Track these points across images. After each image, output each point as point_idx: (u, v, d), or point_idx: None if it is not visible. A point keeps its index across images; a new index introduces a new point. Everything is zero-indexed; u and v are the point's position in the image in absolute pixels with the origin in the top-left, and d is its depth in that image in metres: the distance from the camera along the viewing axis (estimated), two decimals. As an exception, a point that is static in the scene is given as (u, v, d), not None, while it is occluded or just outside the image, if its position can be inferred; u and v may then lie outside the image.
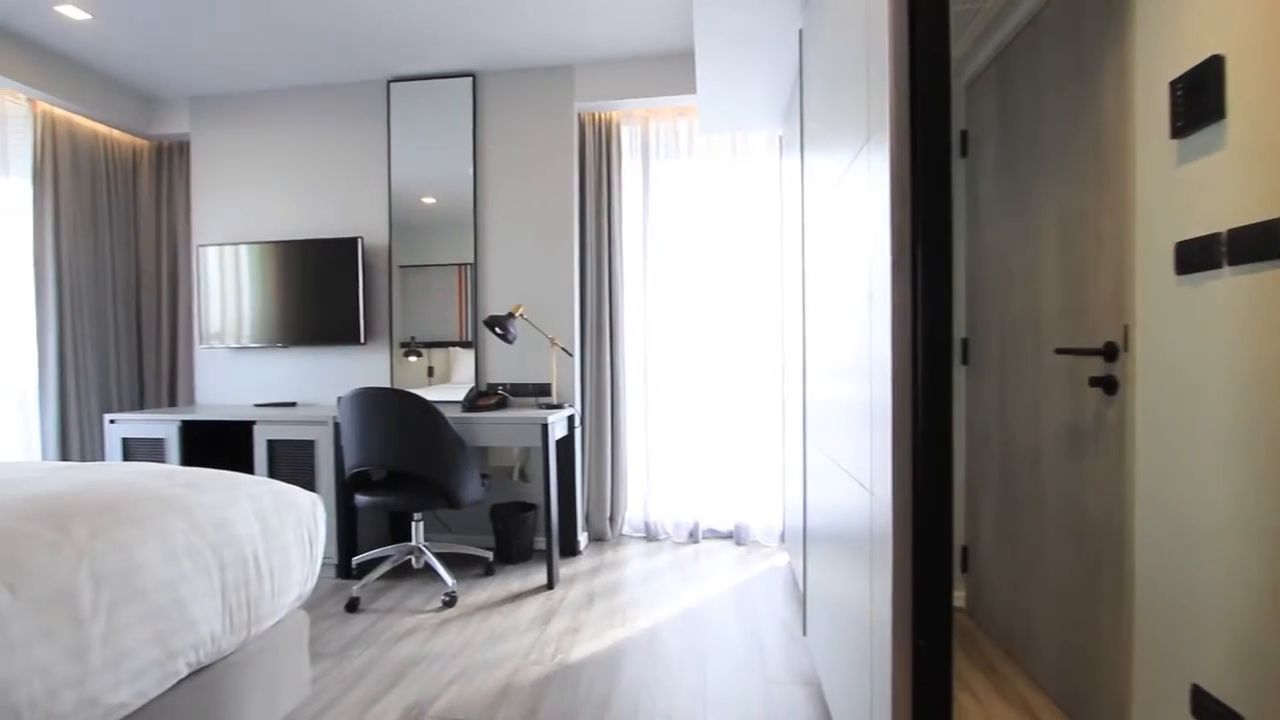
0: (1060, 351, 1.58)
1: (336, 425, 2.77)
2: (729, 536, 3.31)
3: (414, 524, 2.73)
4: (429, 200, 3.28)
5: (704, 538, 3.31)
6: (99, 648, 1.06)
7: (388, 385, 3.28)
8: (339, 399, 2.58)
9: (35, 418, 3.10)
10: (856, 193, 1.30)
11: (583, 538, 3.19)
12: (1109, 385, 1.45)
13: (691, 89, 3.05)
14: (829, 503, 1.66)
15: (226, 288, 3.38)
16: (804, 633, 2.16)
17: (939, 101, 1.00)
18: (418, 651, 2.12)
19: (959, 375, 2.33)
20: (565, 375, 3.17)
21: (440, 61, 3.13)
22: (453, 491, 2.48)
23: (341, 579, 2.81)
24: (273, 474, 2.86)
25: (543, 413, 2.75)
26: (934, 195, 1.01)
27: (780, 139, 3.09)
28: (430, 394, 3.11)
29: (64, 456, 3.16)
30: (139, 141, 3.66)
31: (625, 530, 3.38)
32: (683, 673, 1.97)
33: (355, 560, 2.78)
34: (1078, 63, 1.58)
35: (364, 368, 3.35)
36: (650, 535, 3.32)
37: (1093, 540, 1.53)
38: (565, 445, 3.06)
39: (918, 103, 1.02)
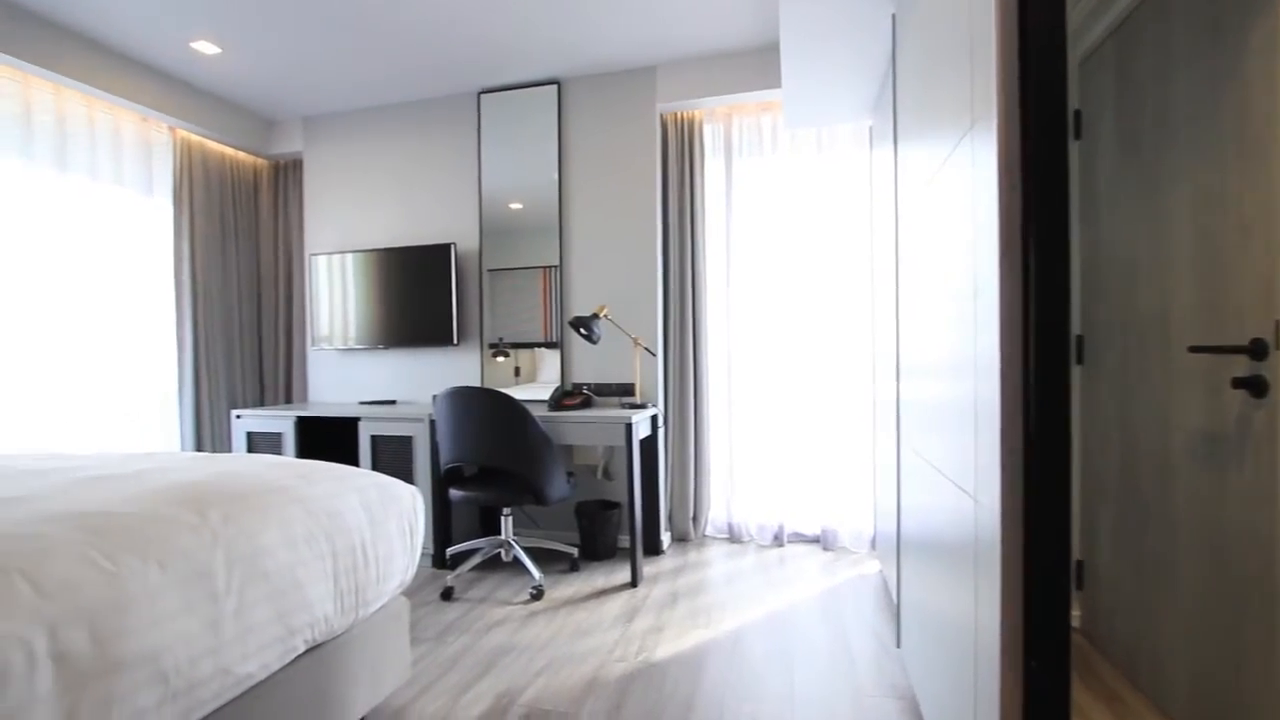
0: (1195, 350, 1.43)
1: (432, 422, 2.92)
2: (815, 541, 3.21)
3: (503, 518, 2.83)
4: (516, 206, 3.39)
5: (789, 541, 3.23)
6: (231, 622, 1.17)
7: (479, 385, 3.42)
8: (434, 397, 2.71)
9: (175, 413, 3.46)
10: (958, 181, 1.23)
11: (666, 537, 3.19)
12: (1257, 387, 1.29)
13: (776, 83, 2.99)
14: (926, 508, 1.58)
15: (334, 293, 3.63)
16: (897, 644, 2.07)
17: (1054, 78, 0.93)
18: (507, 641, 2.19)
19: (1074, 375, 2.15)
20: (648, 375, 3.19)
21: (526, 71, 3.23)
22: (540, 488, 2.55)
23: (437, 569, 2.95)
24: (375, 467, 3.05)
25: (626, 412, 2.78)
26: (1048, 180, 0.94)
27: (870, 130, 2.97)
28: (517, 393, 3.22)
29: (198, 448, 3.51)
30: (259, 161, 4.01)
31: (708, 531, 3.35)
32: (769, 677, 1.93)
33: (449, 551, 2.91)
34: (1215, 32, 1.42)
35: (456, 368, 3.50)
36: (734, 537, 3.28)
37: (1236, 559, 1.37)
38: (649, 445, 3.07)
39: (1028, 81, 0.95)
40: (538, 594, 2.57)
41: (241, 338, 3.85)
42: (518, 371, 3.40)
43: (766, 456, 3.24)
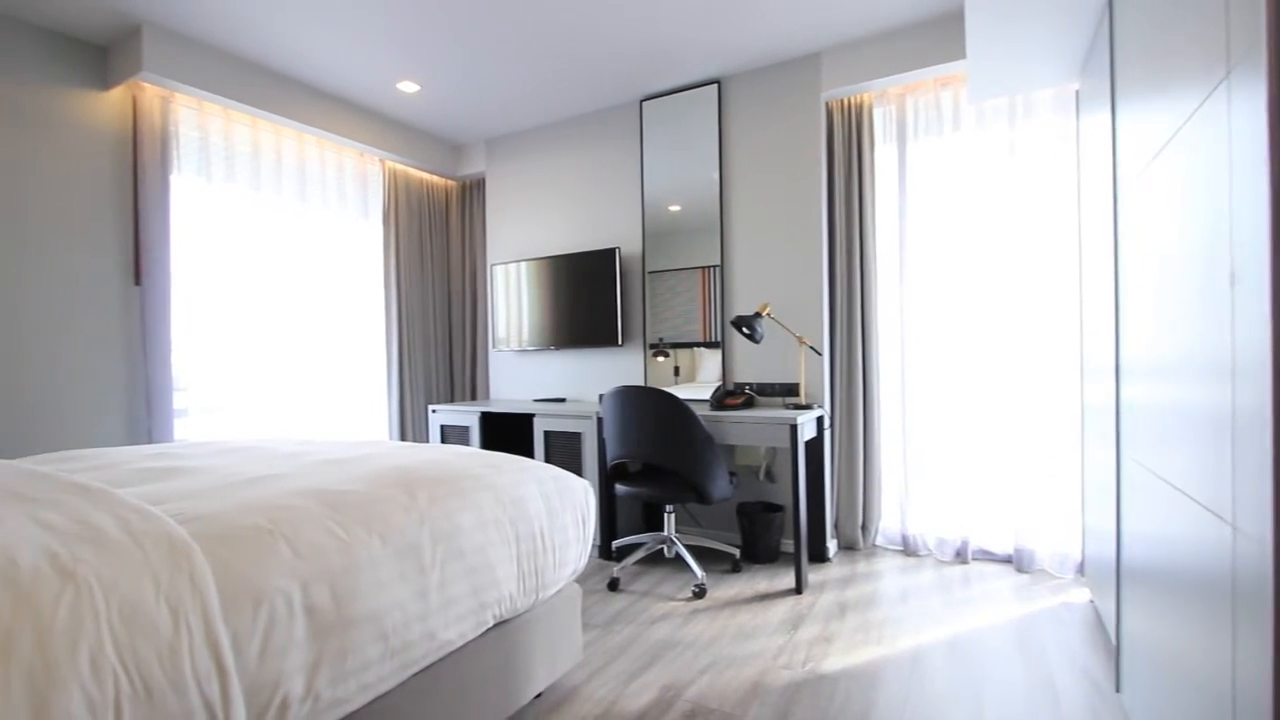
0: None
1: (599, 420, 3.06)
2: (1007, 560, 2.88)
3: (666, 515, 2.88)
4: (675, 208, 3.44)
5: (974, 559, 2.93)
6: (435, 593, 1.31)
7: (641, 384, 3.52)
8: (600, 396, 2.84)
9: (383, 406, 3.98)
10: (1206, 142, 1.03)
11: (832, 545, 3.05)
12: None
13: (957, 54, 2.73)
14: (1159, 533, 1.34)
15: (511, 299, 3.95)
16: (1116, 688, 1.78)
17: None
18: (671, 636, 2.23)
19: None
20: (814, 375, 3.07)
21: (686, 74, 3.26)
22: (702, 487, 2.56)
23: (603, 559, 3.09)
24: (548, 460, 3.27)
25: (791, 413, 2.70)
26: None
27: (1077, 94, 2.60)
28: (676, 392, 3.26)
29: (402, 437, 4.01)
30: (449, 182, 4.48)
31: (879, 541, 3.15)
32: (954, 707, 1.76)
33: (614, 544, 3.03)
34: None
35: (621, 368, 3.64)
36: (908, 549, 3.05)
37: None
38: (814, 447, 2.96)
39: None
40: (700, 592, 2.58)
41: (434, 341, 4.33)
42: (677, 371, 3.45)
43: (947, 464, 2.97)
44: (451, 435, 3.67)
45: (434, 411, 3.74)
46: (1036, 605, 2.43)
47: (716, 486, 2.60)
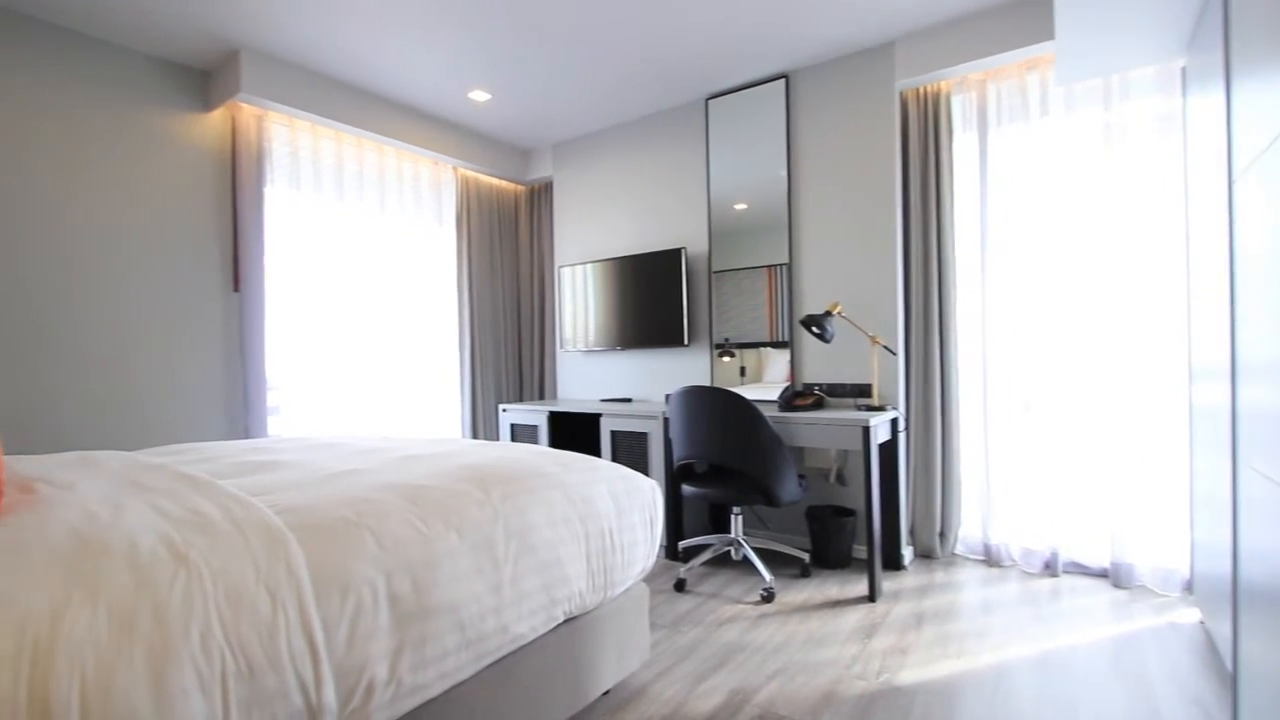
0: None
1: (665, 420, 3.06)
2: (1102, 575, 2.69)
3: (733, 517, 2.85)
4: (740, 206, 3.40)
5: (1064, 571, 2.75)
6: (508, 587, 1.34)
7: (707, 384, 3.50)
8: (667, 396, 2.84)
9: (456, 405, 4.12)
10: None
11: (907, 552, 2.93)
12: None
13: (1044, 34, 2.57)
14: (1285, 551, 1.21)
15: (577, 300, 4.01)
16: None
17: None
18: (739, 639, 2.20)
19: None
20: (888, 375, 2.97)
21: (754, 70, 3.22)
22: (770, 489, 2.52)
23: (669, 560, 3.09)
24: (615, 459, 3.30)
25: (863, 414, 2.61)
26: None
27: (1183, 71, 2.40)
28: (743, 393, 3.22)
29: (473, 435, 4.14)
30: (518, 187, 4.59)
31: (958, 550, 3.00)
32: (1044, 729, 1.66)
33: (681, 545, 3.02)
34: None
35: (687, 368, 3.63)
36: (990, 559, 2.89)
37: None
38: (888, 450, 2.86)
39: None
40: (768, 596, 2.54)
41: (504, 342, 4.45)
42: (743, 371, 3.41)
43: (1034, 470, 2.80)
44: (521, 434, 3.76)
45: (504, 410, 3.84)
46: (1137, 624, 2.26)
47: (785, 489, 2.55)
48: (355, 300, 3.57)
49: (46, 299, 2.63)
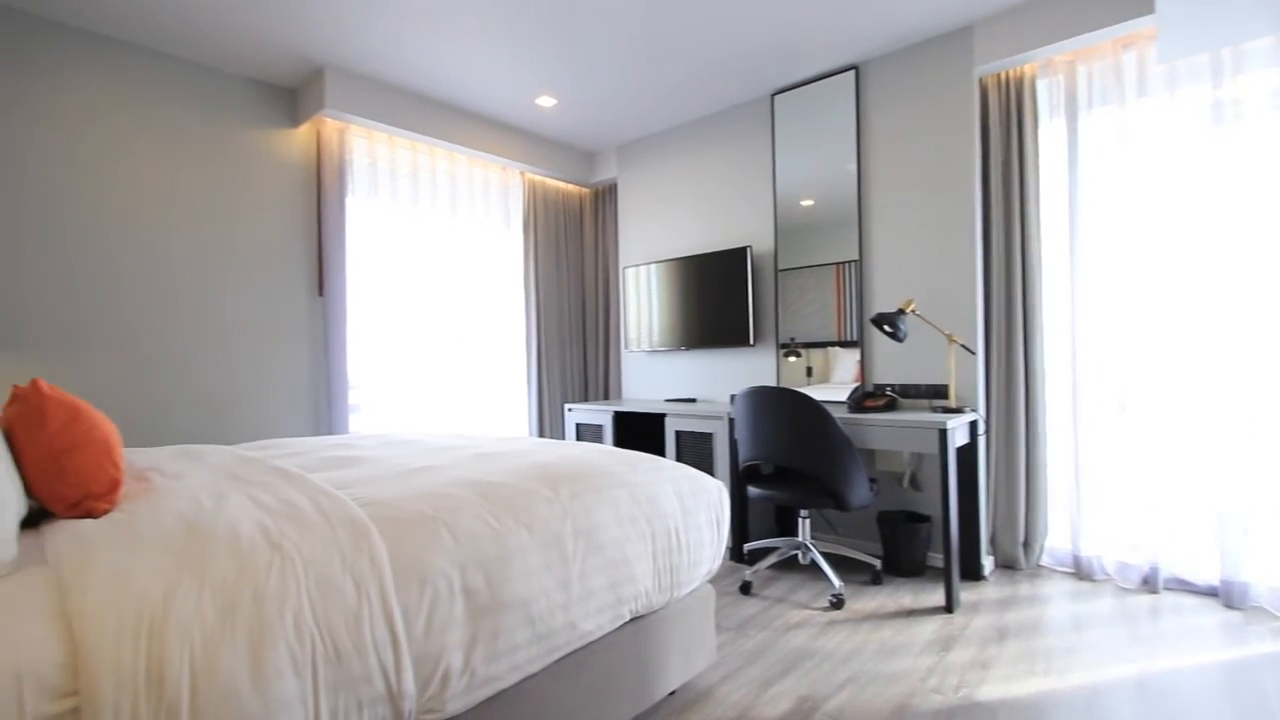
0: None
1: (731, 420, 3.03)
2: (1211, 593, 2.47)
3: (801, 520, 2.79)
4: (807, 203, 3.32)
5: (1166, 588, 2.54)
6: (577, 584, 1.36)
7: (773, 384, 3.44)
8: (732, 396, 2.81)
9: (523, 404, 4.22)
10: None
11: (988, 562, 2.79)
12: None
13: (1142, 8, 2.39)
14: None
15: (641, 301, 4.03)
16: (1372, 759, 1.46)
17: None
18: (807, 645, 2.15)
19: None
20: (966, 375, 2.83)
21: (822, 63, 3.14)
22: (840, 492, 2.45)
23: (734, 562, 3.05)
24: (679, 460, 3.29)
25: (939, 416, 2.50)
26: None
27: (1304, 42, 2.17)
28: (810, 394, 3.15)
29: (540, 434, 4.23)
30: (583, 190, 4.66)
31: (1045, 561, 2.83)
32: (1145, 758, 1.54)
33: (746, 547, 2.98)
34: None
35: (752, 368, 3.58)
36: (1081, 572, 2.71)
37: None
38: (966, 454, 2.73)
39: None
40: (837, 602, 2.47)
41: (569, 342, 4.52)
42: (810, 371, 3.33)
43: (1132, 478, 2.60)
44: (586, 433, 3.81)
45: (569, 410, 3.90)
46: (1253, 649, 2.06)
47: (855, 493, 2.48)
48: (428, 302, 3.72)
49: (153, 305, 2.86)
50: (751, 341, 3.46)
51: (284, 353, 3.24)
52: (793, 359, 3.39)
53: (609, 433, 3.64)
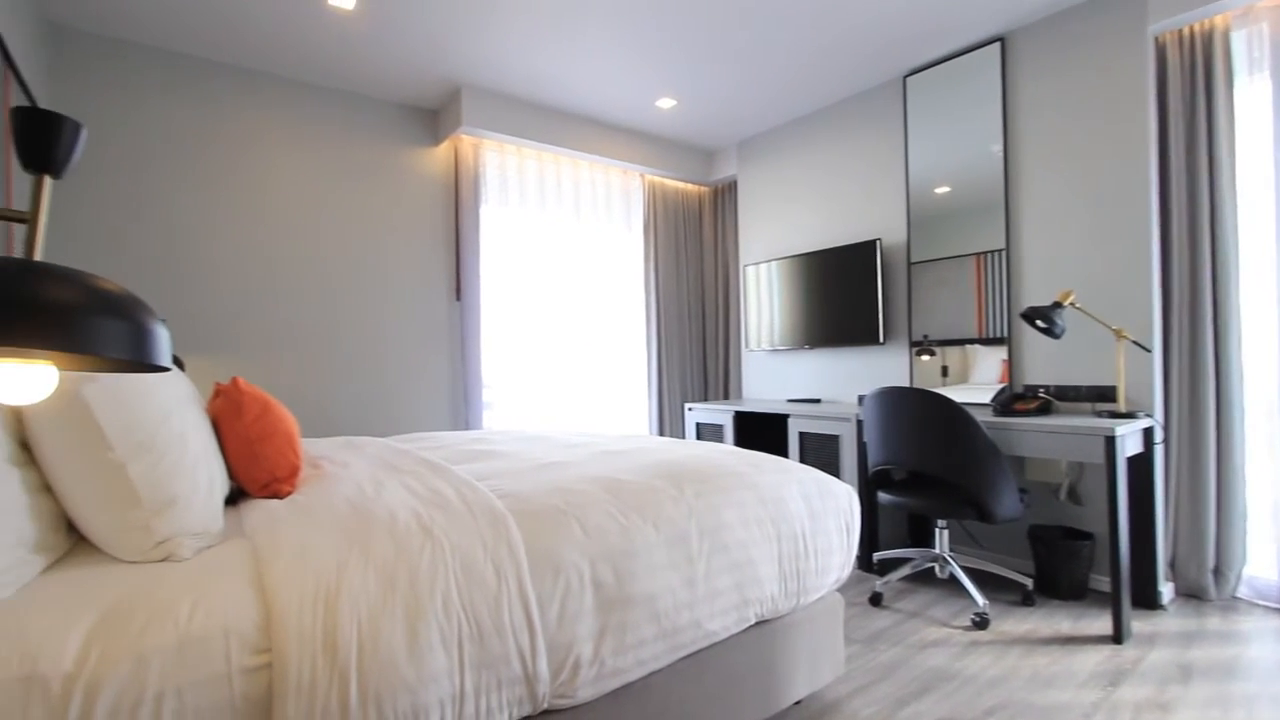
0: None
1: (859, 422, 2.89)
2: None
3: (938, 531, 2.60)
4: (943, 190, 3.09)
5: None
6: (702, 583, 1.36)
7: (906, 385, 3.24)
8: (860, 397, 2.68)
9: (644, 403, 4.28)
10: None
11: (1166, 589, 2.44)
12: None
13: (1379, -64, 1.98)
14: None
15: (763, 299, 3.95)
16: None
17: None
18: (946, 666, 2.00)
19: None
20: (1138, 376, 2.50)
21: (961, 37, 2.91)
22: (984, 503, 2.26)
23: (862, 571, 2.91)
24: (803, 462, 3.19)
25: (1106, 422, 2.22)
26: None
27: None
28: (946, 395, 2.92)
29: (660, 433, 4.27)
30: (702, 189, 4.65)
31: (1241, 592, 2.43)
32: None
33: (876, 557, 2.83)
34: None
35: (881, 367, 3.39)
36: (1292, 609, 2.30)
37: None
38: (1140, 465, 2.41)
39: None
40: (981, 622, 2.28)
41: (689, 342, 4.53)
42: (945, 371, 3.09)
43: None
44: (706, 433, 3.80)
45: (690, 410, 3.91)
46: None
47: (1002, 504, 2.27)
48: (554, 304, 3.89)
49: (321, 312, 3.22)
50: (881, 339, 3.28)
51: (426, 353, 3.53)
52: (926, 358, 3.17)
53: (729, 433, 3.60)
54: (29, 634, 0.79)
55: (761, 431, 3.62)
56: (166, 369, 0.57)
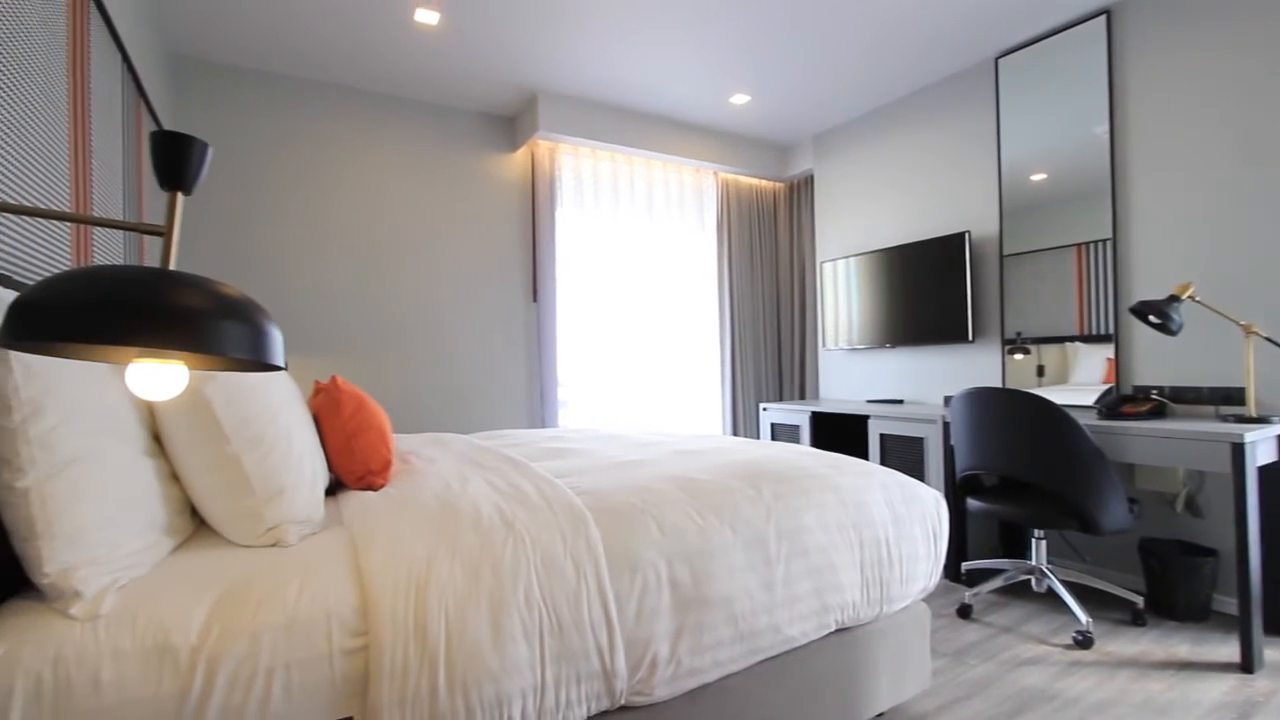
0: None
1: (945, 424, 2.75)
2: None
3: (1034, 541, 2.44)
4: (1038, 177, 2.89)
5: None
6: (780, 587, 1.33)
7: (998, 385, 3.06)
8: (946, 398, 2.55)
9: (717, 403, 4.25)
10: None
11: (1305, 614, 2.19)
12: None
13: None
14: None
15: (840, 296, 3.83)
16: None
17: None
18: (1045, 687, 1.87)
19: None
20: (1271, 377, 2.25)
21: (1061, 12, 2.71)
22: (1088, 512, 2.10)
23: (949, 581, 2.77)
24: (884, 465, 3.07)
25: (1233, 427, 2.02)
26: None
27: None
28: (1044, 396, 2.73)
29: (733, 433, 4.23)
30: (776, 185, 4.56)
31: (1401, 623, 2.15)
32: None
33: (964, 566, 2.68)
34: None
35: (970, 367, 3.21)
36: None
37: None
38: (1273, 475, 2.17)
39: None
40: (1084, 641, 2.12)
41: (764, 341, 4.46)
42: (1041, 370, 2.90)
43: None
44: (781, 433, 3.72)
45: (764, 409, 3.85)
46: None
47: (1109, 514, 2.10)
48: (627, 304, 3.92)
49: (408, 314, 3.39)
50: (970, 337, 3.11)
51: (505, 353, 3.64)
52: (1019, 356, 2.98)
53: (805, 433, 3.52)
54: (162, 609, 0.87)
55: (839, 433, 3.52)
56: (282, 368, 0.62)
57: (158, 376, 0.58)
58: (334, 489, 1.50)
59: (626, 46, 2.95)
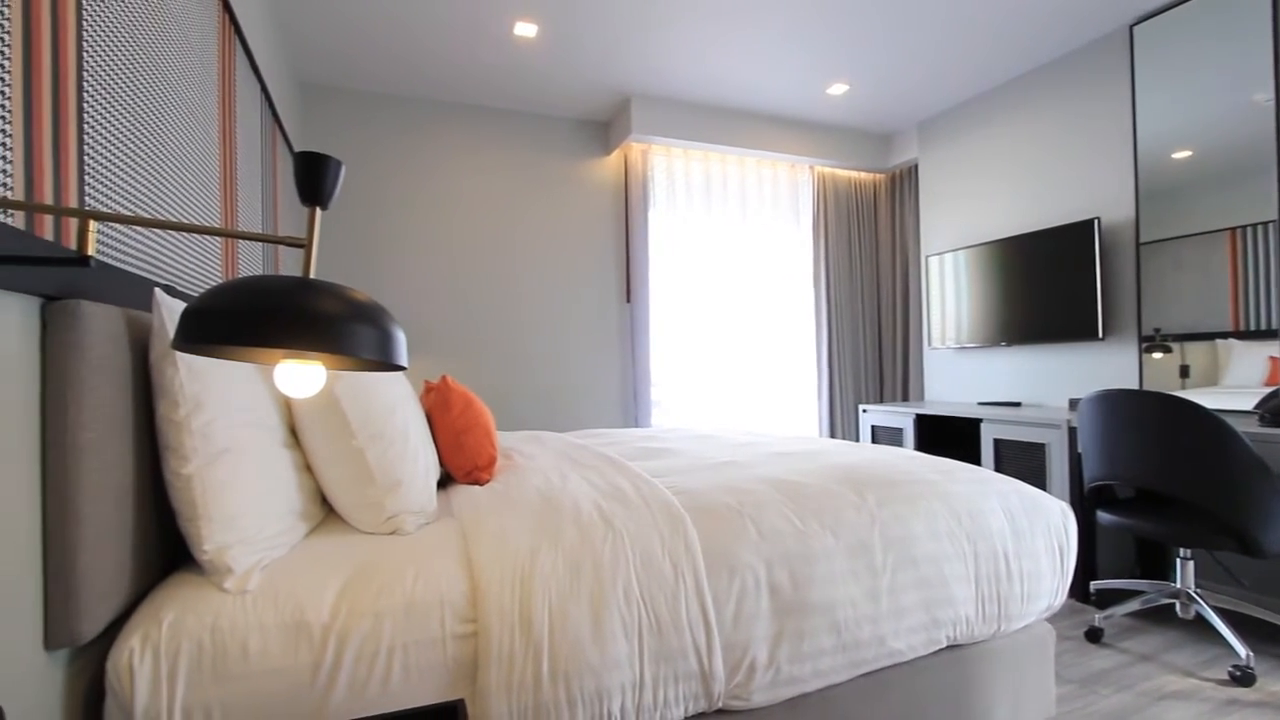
0: None
1: (1072, 430, 2.52)
2: None
3: (1179, 561, 2.18)
4: (1182, 155, 2.59)
5: None
6: (885, 597, 1.27)
7: (1134, 387, 2.77)
8: (1072, 401, 2.33)
9: (813, 404, 4.12)
10: None
11: None
12: None
13: None
14: None
15: (947, 292, 3.61)
16: None
17: None
18: (1195, 725, 1.67)
19: None
20: None
21: (1208, -30, 2.42)
22: (1247, 532, 1.85)
23: (1075, 601, 2.54)
24: (999, 472, 2.85)
25: None
26: None
27: None
28: (1192, 399, 2.44)
29: (831, 434, 4.08)
30: (877, 176, 4.36)
31: None
32: None
33: (1094, 585, 2.45)
34: None
35: (1101, 366, 2.93)
36: None
37: None
38: None
39: None
40: (1243, 677, 1.87)
41: (863, 340, 4.28)
42: (1185, 371, 2.59)
43: None
44: (882, 436, 3.56)
45: (864, 411, 3.69)
46: None
47: (1272, 534, 1.84)
48: (720, 303, 3.88)
49: (509, 315, 3.54)
50: (1100, 334, 2.83)
51: (600, 353, 3.72)
52: (1159, 355, 2.68)
53: (909, 437, 3.34)
54: (298, 588, 0.95)
55: (947, 437, 3.31)
56: (404, 368, 0.66)
57: (300, 376, 0.64)
58: (443, 482, 1.59)
59: (717, 42, 2.92)
